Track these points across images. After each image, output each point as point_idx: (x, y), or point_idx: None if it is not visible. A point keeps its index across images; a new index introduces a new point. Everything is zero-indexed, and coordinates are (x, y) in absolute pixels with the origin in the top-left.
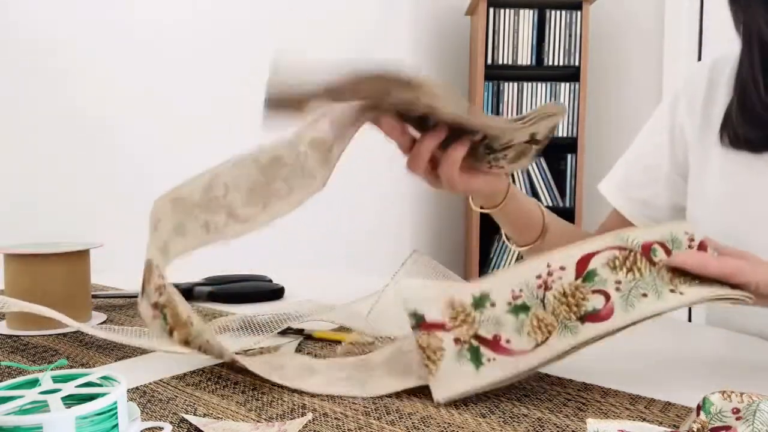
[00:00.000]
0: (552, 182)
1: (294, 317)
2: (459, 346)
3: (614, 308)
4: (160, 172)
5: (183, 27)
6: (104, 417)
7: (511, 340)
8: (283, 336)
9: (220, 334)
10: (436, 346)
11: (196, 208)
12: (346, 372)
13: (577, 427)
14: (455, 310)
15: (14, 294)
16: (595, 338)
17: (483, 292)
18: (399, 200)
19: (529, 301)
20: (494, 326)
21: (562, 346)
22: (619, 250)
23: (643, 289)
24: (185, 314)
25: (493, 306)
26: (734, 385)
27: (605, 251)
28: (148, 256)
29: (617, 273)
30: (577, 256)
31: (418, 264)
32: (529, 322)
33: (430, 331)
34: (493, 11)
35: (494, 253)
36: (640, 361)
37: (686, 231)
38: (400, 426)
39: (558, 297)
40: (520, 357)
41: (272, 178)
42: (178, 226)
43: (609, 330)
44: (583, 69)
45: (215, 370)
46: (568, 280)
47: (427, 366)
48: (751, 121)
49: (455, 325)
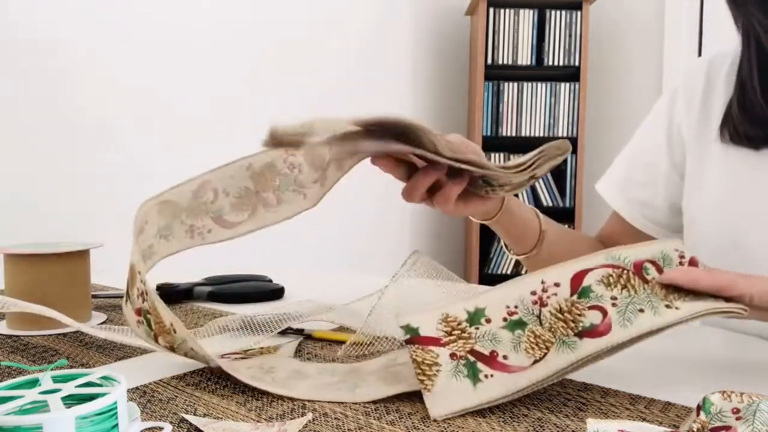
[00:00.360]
0: (552, 182)
1: (294, 317)
2: (455, 362)
3: (612, 324)
4: (160, 172)
5: (183, 27)
6: (104, 417)
7: (508, 356)
8: (283, 336)
9: (220, 333)
10: (431, 361)
11: (183, 212)
12: (337, 377)
13: (577, 427)
14: (450, 325)
15: (14, 294)
16: (595, 355)
17: (477, 308)
18: (399, 200)
19: (525, 317)
20: (491, 342)
21: (561, 363)
22: (612, 268)
23: (639, 305)
24: (168, 321)
25: (488, 322)
26: (734, 385)
27: (598, 269)
28: (131, 261)
29: (612, 290)
30: (571, 272)
31: (418, 264)
32: (526, 339)
33: (424, 346)
34: (493, 11)
35: (494, 253)
36: (640, 361)
37: (676, 248)
38: (400, 426)
39: (554, 313)
40: (519, 374)
41: (263, 187)
42: (164, 228)
43: (608, 345)
44: (583, 69)
45: (215, 370)
46: (564, 295)
47: (423, 382)
48: (751, 120)
49: (450, 339)
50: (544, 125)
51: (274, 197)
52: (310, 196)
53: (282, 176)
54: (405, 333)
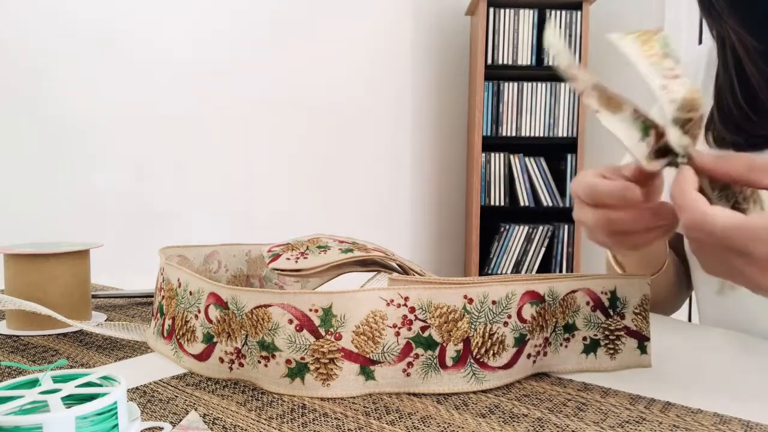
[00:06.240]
0: (552, 182)
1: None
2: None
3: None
4: (160, 173)
5: (183, 27)
6: (104, 417)
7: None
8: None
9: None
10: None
11: (195, 273)
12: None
13: (577, 427)
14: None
15: (14, 294)
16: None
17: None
18: (399, 200)
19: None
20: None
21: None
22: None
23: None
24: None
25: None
26: (735, 385)
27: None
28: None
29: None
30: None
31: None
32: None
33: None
34: (493, 11)
35: (494, 253)
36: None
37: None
38: (400, 426)
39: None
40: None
41: (252, 273)
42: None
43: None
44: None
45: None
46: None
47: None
48: (730, 127)
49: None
50: (544, 125)
51: (259, 284)
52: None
53: (268, 268)
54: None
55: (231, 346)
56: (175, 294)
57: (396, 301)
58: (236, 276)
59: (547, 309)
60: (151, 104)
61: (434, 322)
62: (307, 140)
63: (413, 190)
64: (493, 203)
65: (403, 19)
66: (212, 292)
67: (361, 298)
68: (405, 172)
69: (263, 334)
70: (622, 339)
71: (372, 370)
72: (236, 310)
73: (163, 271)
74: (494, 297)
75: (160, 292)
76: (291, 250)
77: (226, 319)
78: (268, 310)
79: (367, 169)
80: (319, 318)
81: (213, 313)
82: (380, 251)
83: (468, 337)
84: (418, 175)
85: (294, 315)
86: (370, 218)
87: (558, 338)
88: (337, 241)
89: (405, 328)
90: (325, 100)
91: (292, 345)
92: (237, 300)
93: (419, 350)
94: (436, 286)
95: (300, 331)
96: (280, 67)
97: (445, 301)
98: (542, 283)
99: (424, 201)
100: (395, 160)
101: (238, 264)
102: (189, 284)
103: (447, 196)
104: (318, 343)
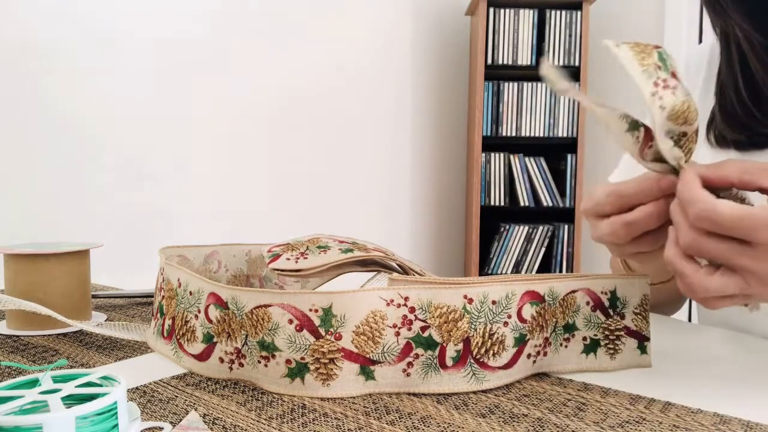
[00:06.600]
0: (552, 182)
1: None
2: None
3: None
4: (160, 173)
5: (184, 27)
6: (104, 417)
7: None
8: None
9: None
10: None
11: (195, 273)
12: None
13: (577, 427)
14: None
15: (14, 294)
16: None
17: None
18: (399, 200)
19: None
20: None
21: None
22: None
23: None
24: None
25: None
26: (735, 385)
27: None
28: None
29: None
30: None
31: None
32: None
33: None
34: (493, 11)
35: (494, 253)
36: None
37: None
38: (400, 426)
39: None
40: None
41: (252, 273)
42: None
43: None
44: (583, 69)
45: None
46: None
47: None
48: (733, 125)
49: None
50: (544, 125)
51: (258, 284)
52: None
53: (268, 268)
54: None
55: (231, 346)
56: (175, 294)
57: (396, 301)
58: (236, 276)
59: (547, 309)
60: (151, 104)
61: (434, 322)
62: (307, 140)
63: (413, 190)
64: (493, 203)
65: (403, 18)
66: (212, 292)
67: (361, 298)
68: (405, 172)
69: (263, 334)
70: (622, 339)
71: (372, 370)
72: (236, 310)
73: (163, 271)
74: (494, 297)
75: (160, 292)
76: (291, 250)
77: (226, 319)
78: (268, 310)
79: (367, 169)
80: (319, 318)
81: (213, 313)
82: (380, 251)
83: (468, 337)
84: (418, 175)
85: (294, 315)
86: (370, 218)
87: (558, 338)
88: (337, 241)
89: (405, 328)
90: (326, 100)
91: (292, 345)
92: (237, 300)
93: (419, 350)
94: (436, 286)
95: (300, 331)
96: (281, 67)
97: (445, 301)
98: (542, 283)
99: (424, 201)
100: (395, 160)
101: (238, 264)
102: (189, 284)
103: (447, 196)
104: (318, 343)
